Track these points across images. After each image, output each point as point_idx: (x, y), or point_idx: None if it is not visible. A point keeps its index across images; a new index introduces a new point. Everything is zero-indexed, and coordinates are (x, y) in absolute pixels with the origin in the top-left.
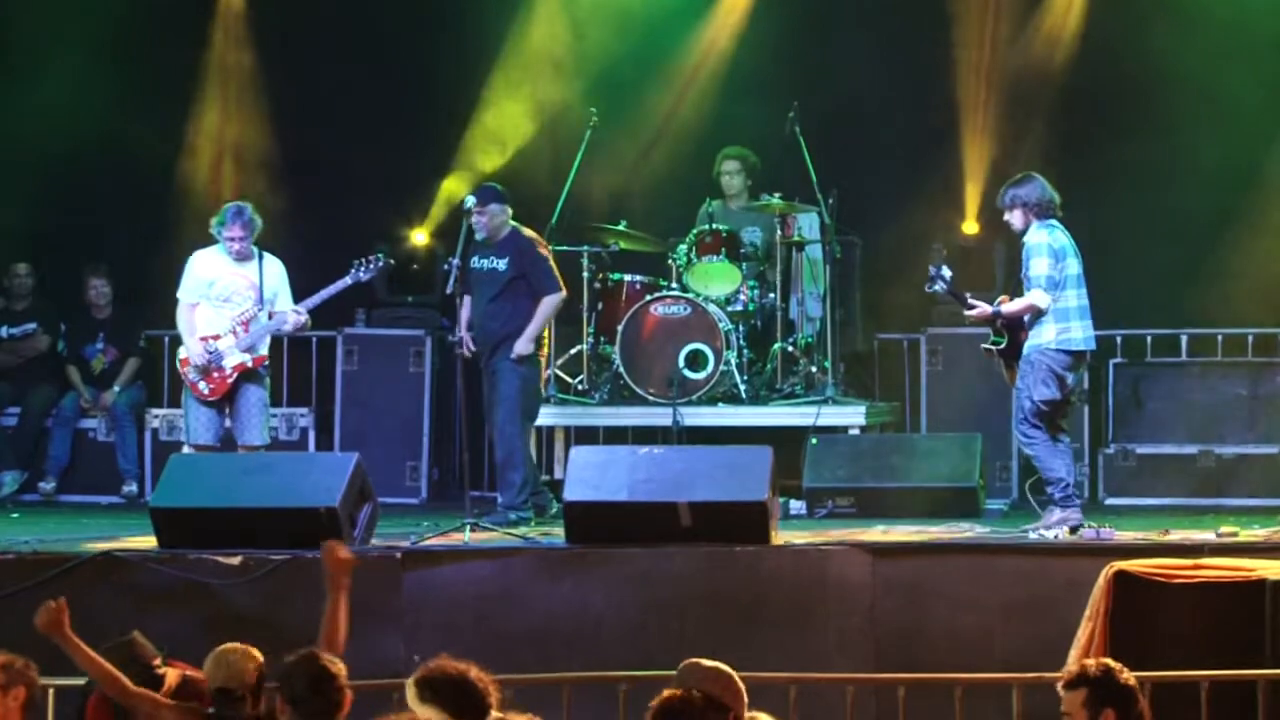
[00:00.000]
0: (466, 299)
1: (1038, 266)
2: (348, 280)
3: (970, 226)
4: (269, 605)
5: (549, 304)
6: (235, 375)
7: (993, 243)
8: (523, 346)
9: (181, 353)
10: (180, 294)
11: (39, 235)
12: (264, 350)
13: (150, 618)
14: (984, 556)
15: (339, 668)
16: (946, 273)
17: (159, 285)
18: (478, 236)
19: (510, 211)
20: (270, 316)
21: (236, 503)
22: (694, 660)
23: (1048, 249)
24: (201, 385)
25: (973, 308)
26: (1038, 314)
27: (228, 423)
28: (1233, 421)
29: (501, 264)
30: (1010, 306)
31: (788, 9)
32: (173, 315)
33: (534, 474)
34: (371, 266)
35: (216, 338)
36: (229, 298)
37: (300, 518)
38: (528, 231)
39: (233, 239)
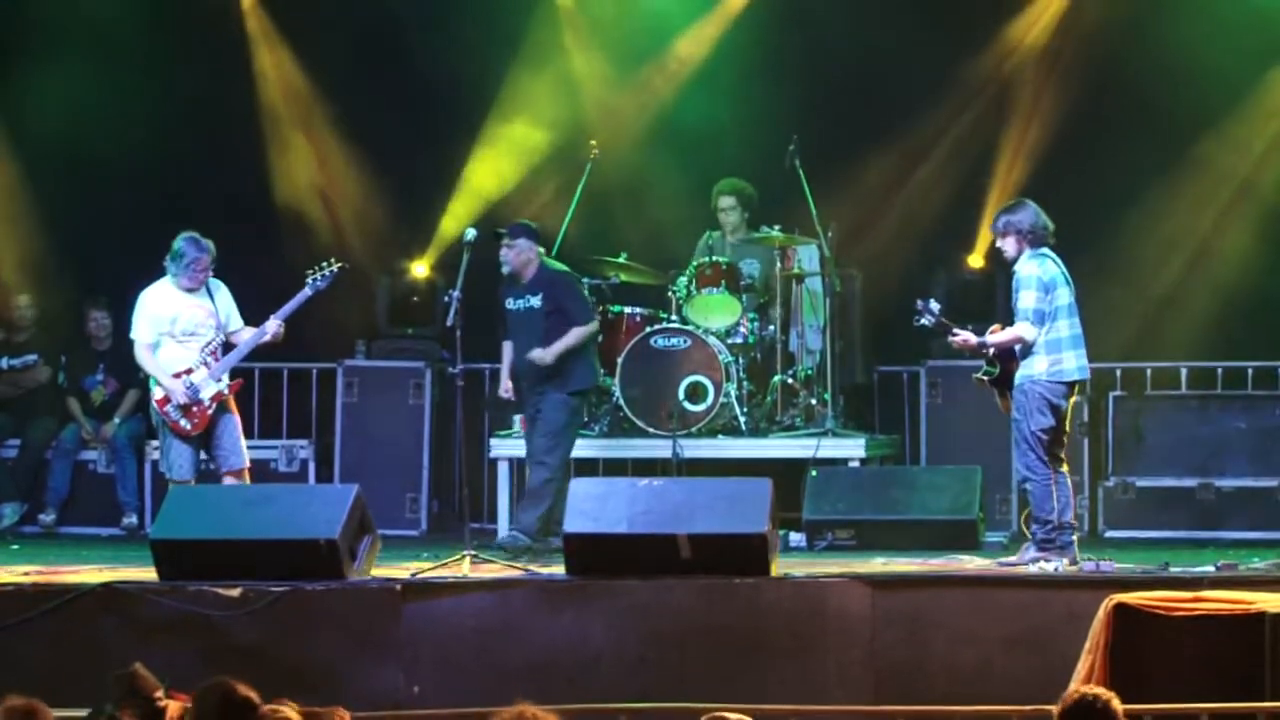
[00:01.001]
0: (506, 344)
1: (1025, 299)
2: (307, 291)
3: (976, 260)
4: (269, 637)
5: (577, 332)
6: (214, 406)
7: (996, 276)
8: (539, 354)
9: (157, 393)
10: (139, 335)
11: (39, 267)
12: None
13: (150, 649)
14: (984, 589)
15: (255, 699)
16: (935, 305)
17: None
18: (503, 270)
19: (540, 249)
20: (228, 340)
21: (236, 534)
22: (719, 714)
23: (1037, 281)
24: (184, 422)
25: (958, 335)
26: (1027, 345)
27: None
28: (1232, 454)
29: (536, 300)
30: (997, 337)
31: (789, 38)
32: None
33: (560, 512)
34: (327, 275)
35: (190, 372)
36: (194, 331)
37: (300, 549)
38: (557, 265)
39: (203, 270)
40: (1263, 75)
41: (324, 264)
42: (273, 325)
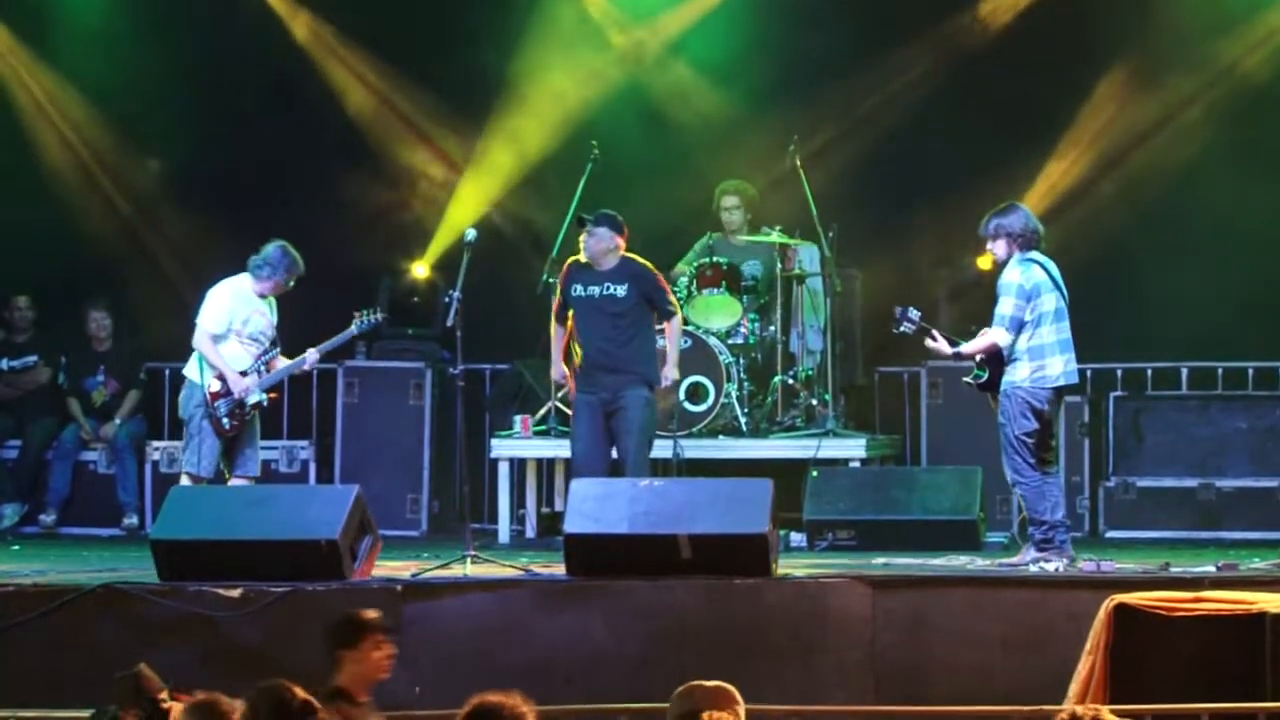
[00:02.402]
0: (559, 330)
1: (1003, 305)
2: (353, 330)
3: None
4: (269, 638)
5: (677, 327)
6: (252, 415)
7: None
8: (673, 372)
9: (213, 385)
10: (209, 324)
11: (40, 268)
12: None
13: (150, 650)
14: (984, 589)
15: (314, 702)
16: (914, 314)
17: (159, 318)
18: (582, 258)
19: (621, 242)
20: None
21: (237, 535)
22: (695, 683)
23: (1017, 289)
24: (226, 421)
25: (936, 341)
26: (1009, 351)
27: None
28: (1233, 455)
29: (620, 290)
30: (969, 345)
31: (790, 42)
32: (173, 348)
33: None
34: (371, 321)
35: (244, 375)
36: (257, 337)
37: (301, 550)
38: (640, 258)
39: (290, 284)
40: None
41: (369, 310)
42: (313, 357)
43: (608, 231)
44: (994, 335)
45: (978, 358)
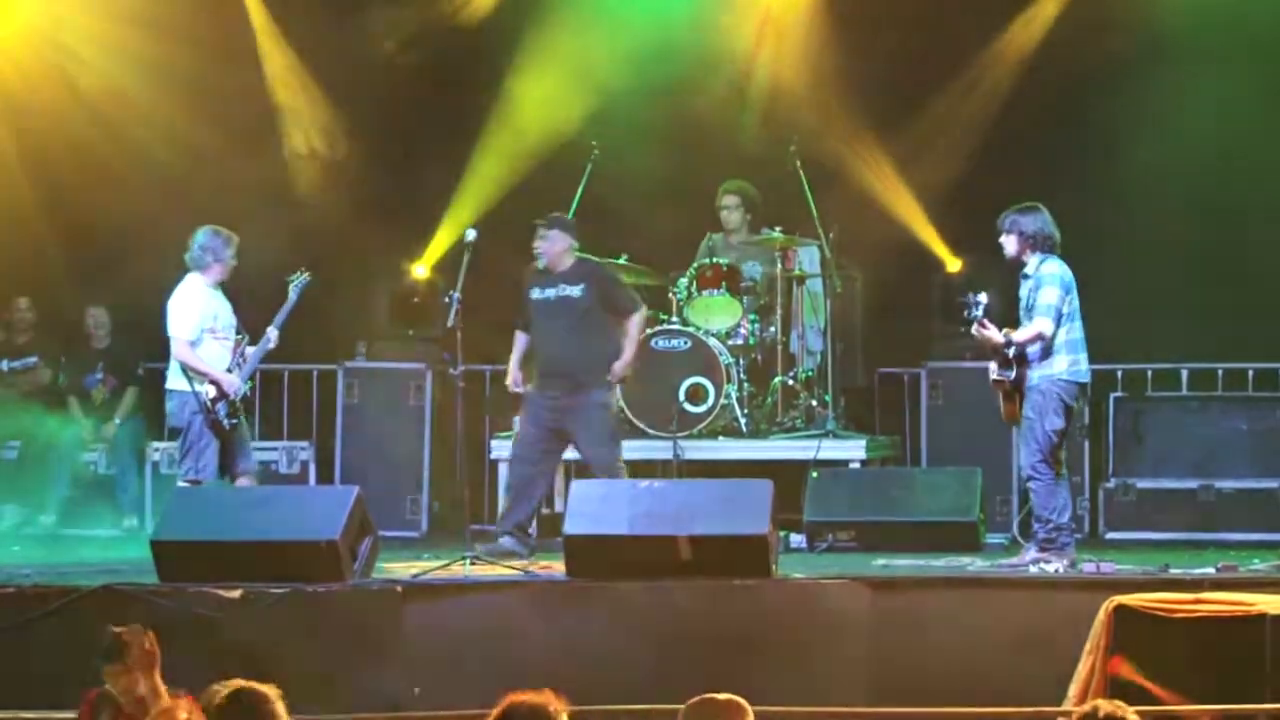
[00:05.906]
0: (521, 336)
1: (1047, 296)
2: (293, 297)
3: (953, 264)
4: (269, 639)
5: (637, 322)
6: (241, 408)
7: (975, 280)
8: (622, 369)
9: (210, 390)
10: (182, 332)
11: (39, 267)
12: None
13: None
14: (984, 590)
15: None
16: (982, 298)
17: (158, 316)
18: (539, 264)
19: (575, 243)
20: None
21: (237, 536)
22: (707, 695)
23: (1060, 280)
24: (226, 421)
25: (986, 329)
26: (1045, 345)
27: None
28: (1233, 456)
29: (576, 290)
30: (1019, 335)
31: (789, 45)
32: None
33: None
34: (304, 280)
35: (229, 372)
36: (228, 330)
37: (301, 551)
38: (594, 258)
39: (232, 263)
40: None
41: (297, 273)
42: (274, 335)
43: (560, 233)
44: (1039, 325)
45: (1011, 353)
